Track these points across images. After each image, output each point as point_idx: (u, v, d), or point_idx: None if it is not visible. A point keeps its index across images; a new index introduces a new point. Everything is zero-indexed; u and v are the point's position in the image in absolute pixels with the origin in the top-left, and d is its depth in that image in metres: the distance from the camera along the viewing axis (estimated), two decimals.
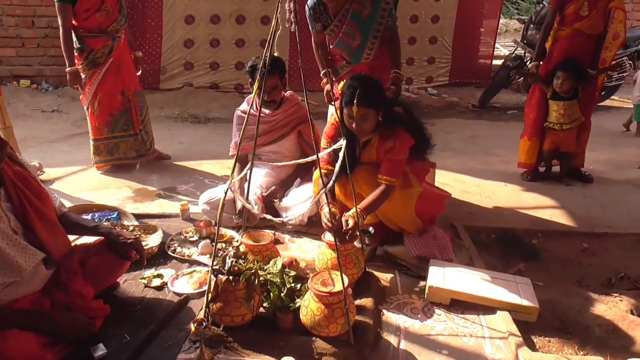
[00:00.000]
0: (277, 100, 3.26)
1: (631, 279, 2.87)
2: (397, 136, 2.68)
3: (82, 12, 3.79)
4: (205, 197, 3.20)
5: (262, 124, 3.25)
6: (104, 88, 4.02)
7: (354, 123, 2.62)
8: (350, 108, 2.57)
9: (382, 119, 2.66)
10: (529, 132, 4.21)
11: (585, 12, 3.79)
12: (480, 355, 2.11)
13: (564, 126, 3.99)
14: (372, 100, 2.57)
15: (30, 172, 2.14)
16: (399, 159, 2.69)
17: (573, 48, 3.91)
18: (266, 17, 7.06)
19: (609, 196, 3.95)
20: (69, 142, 5.16)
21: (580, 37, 3.88)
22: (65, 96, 6.80)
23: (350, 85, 2.59)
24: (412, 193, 2.78)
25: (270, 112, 3.29)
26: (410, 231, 2.84)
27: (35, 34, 7.06)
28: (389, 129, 2.70)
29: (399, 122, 2.72)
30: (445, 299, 2.44)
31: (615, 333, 2.36)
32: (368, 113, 2.58)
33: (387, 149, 2.68)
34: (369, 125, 2.63)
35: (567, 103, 3.93)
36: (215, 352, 2.03)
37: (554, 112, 4.01)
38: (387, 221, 2.90)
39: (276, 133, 3.34)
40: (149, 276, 2.58)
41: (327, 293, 2.06)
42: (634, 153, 5.01)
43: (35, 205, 2.03)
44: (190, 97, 6.93)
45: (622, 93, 7.40)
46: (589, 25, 3.82)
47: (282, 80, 3.22)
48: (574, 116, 3.97)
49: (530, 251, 3.13)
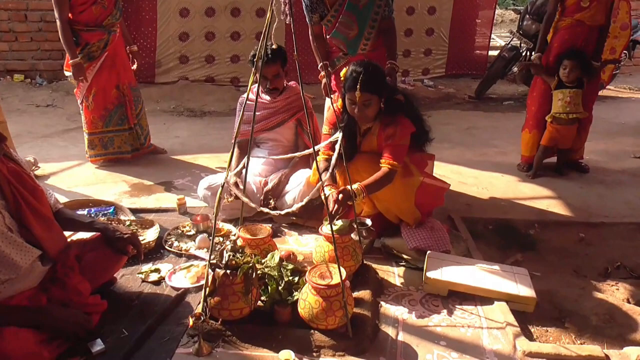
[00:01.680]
0: (280, 88, 3.28)
1: (628, 268, 2.88)
2: (398, 122, 2.69)
3: (78, 5, 3.76)
4: (206, 183, 3.21)
5: (263, 109, 3.28)
6: (99, 82, 4.01)
7: (356, 109, 2.63)
8: (353, 93, 2.58)
9: (384, 107, 2.67)
10: (530, 125, 4.21)
11: (587, 3, 3.78)
12: (478, 345, 2.11)
13: (570, 115, 3.93)
14: (375, 86, 2.58)
15: (25, 168, 2.12)
16: (401, 144, 2.70)
17: (574, 39, 3.89)
18: (261, 9, 7.02)
19: (606, 186, 3.96)
20: (64, 137, 5.13)
21: (582, 27, 3.86)
22: (59, 90, 6.76)
23: (353, 71, 2.59)
24: (413, 182, 2.78)
25: (272, 98, 3.30)
26: (409, 222, 2.85)
27: (28, 27, 6.99)
28: (390, 116, 2.70)
29: (400, 109, 2.73)
30: (443, 290, 2.45)
31: (612, 322, 2.37)
32: (371, 99, 2.59)
33: (389, 135, 2.69)
34: (370, 111, 2.64)
35: (574, 91, 3.89)
36: (213, 346, 2.03)
37: (559, 101, 3.95)
38: (386, 212, 2.90)
39: (275, 119, 3.35)
40: (146, 271, 2.57)
41: (325, 286, 2.06)
42: (629, 143, 5.03)
43: (30, 202, 2.02)
44: (186, 90, 6.90)
45: (617, 83, 7.41)
46: (589, 16, 3.80)
47: (284, 69, 3.23)
48: (579, 107, 3.93)
49: (528, 242, 3.14)
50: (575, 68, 3.82)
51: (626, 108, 6.44)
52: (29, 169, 2.18)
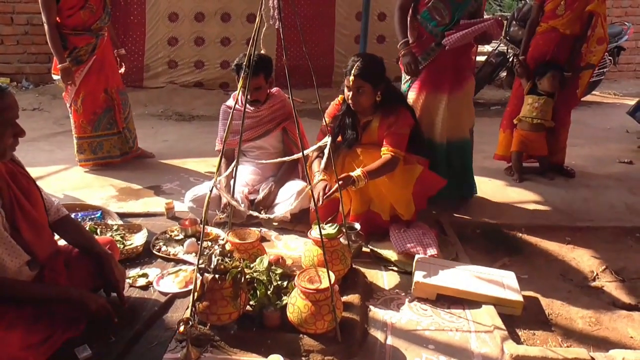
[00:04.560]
0: (261, 99, 3.23)
1: (613, 271, 2.91)
2: (399, 113, 2.85)
3: (66, 9, 3.74)
4: (191, 195, 3.18)
5: (247, 119, 3.23)
6: (87, 86, 3.98)
7: (350, 94, 2.80)
8: (348, 78, 2.76)
9: (381, 99, 2.81)
10: (504, 124, 4.33)
11: (562, 12, 3.91)
12: (466, 349, 2.13)
13: (535, 120, 4.02)
14: (369, 75, 2.75)
15: (25, 170, 2.09)
16: (402, 132, 2.83)
17: (547, 44, 4.01)
18: (252, 14, 6.99)
19: (591, 190, 4.00)
20: (50, 141, 5.08)
21: (555, 34, 3.97)
22: (46, 94, 6.69)
23: (353, 59, 2.78)
24: (414, 169, 2.89)
25: (255, 108, 3.28)
26: (402, 214, 2.89)
27: (14, 31, 6.93)
28: (390, 107, 2.85)
29: (400, 100, 2.91)
30: (431, 294, 2.46)
31: (598, 325, 2.40)
32: (363, 86, 2.75)
33: (389, 124, 2.83)
34: (363, 99, 2.80)
35: (544, 99, 3.99)
36: (201, 351, 2.02)
37: (527, 105, 4.07)
38: (380, 201, 2.90)
39: (260, 129, 3.32)
40: (134, 276, 2.55)
41: (313, 290, 2.06)
42: (614, 148, 5.09)
43: (23, 205, 1.99)
44: (175, 94, 6.87)
45: (602, 88, 7.50)
46: (562, 24, 3.92)
47: (268, 80, 3.19)
48: (547, 115, 4.01)
49: (515, 246, 3.17)
50: (553, 81, 3.93)
51: (612, 113, 6.52)
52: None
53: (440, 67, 3.25)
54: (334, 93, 6.88)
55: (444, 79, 3.26)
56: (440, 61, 3.23)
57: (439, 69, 3.25)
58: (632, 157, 4.77)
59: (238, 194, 3.17)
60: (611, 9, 8.17)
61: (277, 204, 3.19)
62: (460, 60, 3.28)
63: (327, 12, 7.17)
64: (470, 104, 3.44)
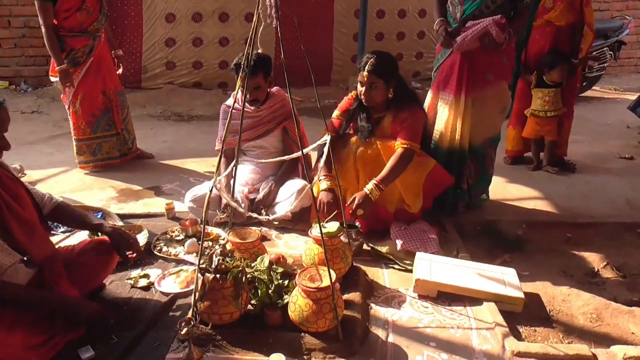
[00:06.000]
0: (260, 99, 3.23)
1: (614, 267, 2.92)
2: (412, 109, 2.91)
3: (62, 11, 3.73)
4: (191, 195, 3.18)
5: (247, 119, 3.24)
6: (85, 87, 3.97)
7: (363, 89, 2.85)
8: (361, 74, 2.84)
9: (393, 95, 2.87)
10: (513, 122, 4.38)
11: (550, 4, 3.98)
12: (468, 346, 2.13)
13: (549, 113, 4.12)
14: (382, 71, 2.81)
15: (10, 172, 2.10)
16: (416, 127, 2.87)
17: (544, 38, 4.07)
18: (250, 14, 6.96)
19: (592, 186, 4.00)
20: (49, 144, 5.08)
21: (550, 27, 4.03)
22: (44, 97, 6.69)
23: (367, 56, 2.85)
24: (428, 162, 2.95)
25: (255, 107, 3.28)
26: (409, 206, 2.92)
27: (11, 34, 6.92)
28: (403, 104, 2.90)
29: (412, 98, 2.97)
30: (432, 291, 2.46)
31: (600, 321, 2.40)
32: (376, 82, 2.82)
33: (403, 119, 2.88)
34: (376, 95, 2.85)
35: (553, 91, 4.07)
36: (204, 351, 2.02)
37: (538, 99, 4.14)
38: (389, 190, 2.83)
39: (261, 129, 3.32)
40: (135, 277, 2.55)
41: (314, 289, 2.06)
42: (615, 144, 5.08)
43: (11, 206, 1.99)
44: (173, 95, 6.85)
45: (603, 84, 7.49)
46: (555, 16, 3.98)
47: (267, 79, 3.19)
48: (558, 105, 4.11)
49: (515, 242, 3.17)
50: (563, 72, 3.99)
51: (612, 109, 6.51)
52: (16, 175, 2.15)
53: (451, 66, 3.14)
54: (333, 91, 6.95)
55: (454, 79, 3.12)
56: (451, 59, 3.15)
57: (451, 67, 3.15)
58: (632, 153, 4.77)
59: (238, 193, 3.17)
60: (612, 2, 8.16)
61: (277, 203, 3.19)
62: (479, 60, 3.06)
63: (325, 10, 7.15)
64: (492, 111, 3.20)
